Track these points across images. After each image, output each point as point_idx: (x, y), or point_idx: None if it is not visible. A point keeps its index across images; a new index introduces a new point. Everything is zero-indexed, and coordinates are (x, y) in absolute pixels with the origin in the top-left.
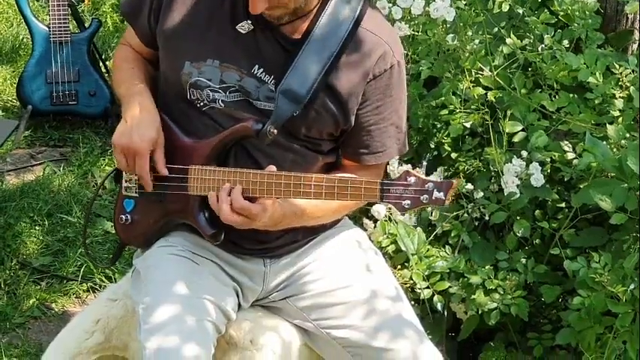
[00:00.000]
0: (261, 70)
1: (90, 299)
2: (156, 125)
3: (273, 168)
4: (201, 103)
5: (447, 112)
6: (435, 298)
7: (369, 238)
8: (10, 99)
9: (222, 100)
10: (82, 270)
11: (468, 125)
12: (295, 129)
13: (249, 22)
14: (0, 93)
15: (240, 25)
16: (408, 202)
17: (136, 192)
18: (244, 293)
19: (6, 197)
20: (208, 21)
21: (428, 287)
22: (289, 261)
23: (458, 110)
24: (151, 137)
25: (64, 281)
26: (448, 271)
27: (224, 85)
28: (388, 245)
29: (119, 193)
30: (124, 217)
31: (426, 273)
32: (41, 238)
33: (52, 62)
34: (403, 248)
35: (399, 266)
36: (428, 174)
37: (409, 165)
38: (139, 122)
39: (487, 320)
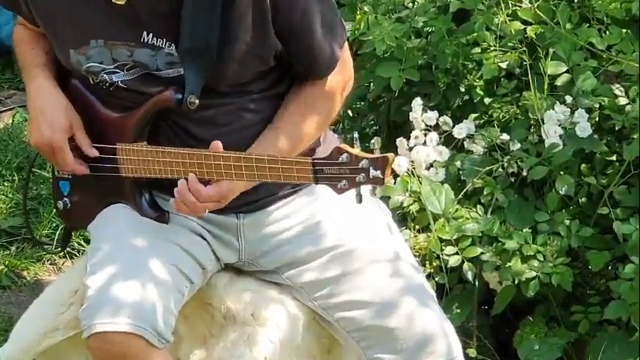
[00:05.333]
0: (150, 35)
1: (67, 266)
2: (62, 107)
3: (218, 146)
4: (105, 85)
5: (479, 51)
6: (465, 265)
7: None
8: None
9: (122, 81)
10: (58, 233)
11: (503, 66)
12: (216, 86)
13: None
14: None
15: None
16: (345, 182)
17: (70, 175)
18: (220, 246)
19: None
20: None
21: (457, 253)
22: (269, 216)
23: (492, 48)
24: (61, 124)
25: (38, 246)
26: (480, 234)
27: (118, 64)
28: (410, 204)
29: (53, 176)
30: (61, 202)
31: (455, 237)
32: (11, 195)
33: None
34: (428, 208)
35: (422, 229)
36: (458, 120)
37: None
38: (43, 111)
39: (525, 291)
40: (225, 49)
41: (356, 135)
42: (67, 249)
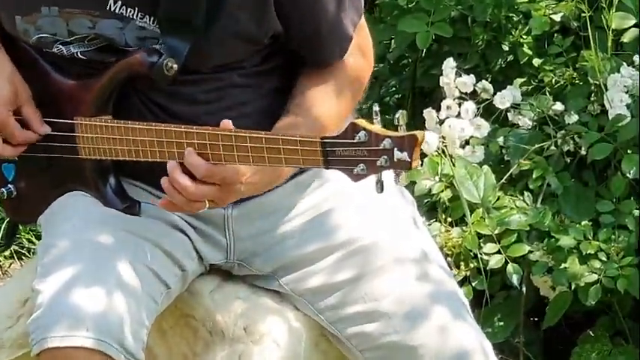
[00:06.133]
0: (119, 3)
1: (14, 269)
2: (5, 74)
3: (228, 123)
4: (61, 54)
5: (526, 0)
6: (510, 267)
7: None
8: None
9: (81, 52)
10: (2, 228)
11: (557, 18)
12: (199, 66)
13: None
14: None
15: None
16: (362, 166)
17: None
18: (203, 242)
19: None
20: None
21: (499, 252)
22: (263, 205)
23: None
24: (4, 95)
25: None
26: (528, 228)
27: (77, 37)
28: (441, 191)
29: None
30: (5, 190)
31: (496, 231)
32: None
33: None
34: (463, 196)
35: (455, 222)
36: (500, 87)
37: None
38: None
39: (584, 299)
40: (213, 26)
41: (376, 108)
42: (14, 247)
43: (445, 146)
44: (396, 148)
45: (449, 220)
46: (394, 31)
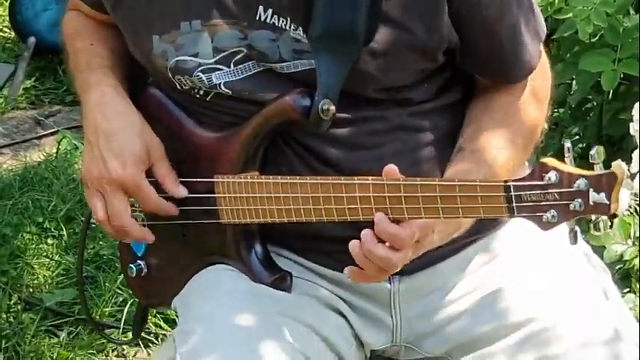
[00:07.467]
0: (270, 11)
1: (140, 359)
2: (136, 128)
3: (393, 169)
4: (200, 93)
5: None
6: None
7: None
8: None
9: (225, 83)
10: (126, 311)
11: None
12: (362, 88)
13: None
14: None
15: None
16: (553, 212)
17: (143, 223)
18: (365, 325)
19: None
20: None
21: None
22: (434, 279)
23: None
24: (135, 153)
25: (98, 330)
26: None
27: (222, 55)
28: (635, 257)
29: None
30: (134, 267)
31: None
32: (58, 258)
33: None
34: None
35: None
36: None
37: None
38: (109, 135)
39: None
40: (377, 35)
41: (568, 144)
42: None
43: (638, 205)
44: (592, 189)
45: None
46: (575, 71)
